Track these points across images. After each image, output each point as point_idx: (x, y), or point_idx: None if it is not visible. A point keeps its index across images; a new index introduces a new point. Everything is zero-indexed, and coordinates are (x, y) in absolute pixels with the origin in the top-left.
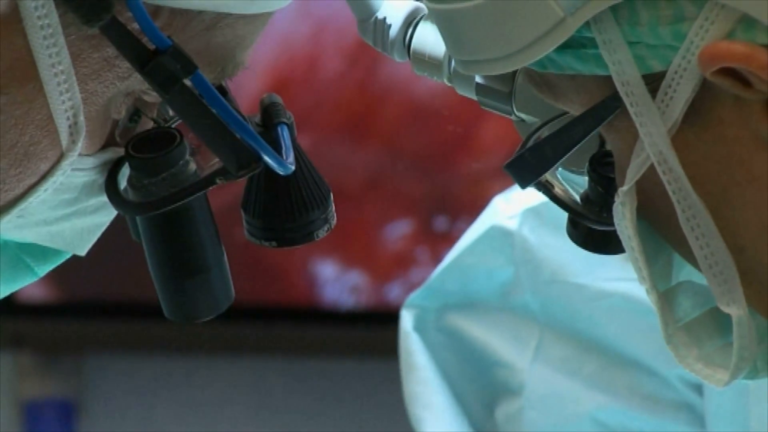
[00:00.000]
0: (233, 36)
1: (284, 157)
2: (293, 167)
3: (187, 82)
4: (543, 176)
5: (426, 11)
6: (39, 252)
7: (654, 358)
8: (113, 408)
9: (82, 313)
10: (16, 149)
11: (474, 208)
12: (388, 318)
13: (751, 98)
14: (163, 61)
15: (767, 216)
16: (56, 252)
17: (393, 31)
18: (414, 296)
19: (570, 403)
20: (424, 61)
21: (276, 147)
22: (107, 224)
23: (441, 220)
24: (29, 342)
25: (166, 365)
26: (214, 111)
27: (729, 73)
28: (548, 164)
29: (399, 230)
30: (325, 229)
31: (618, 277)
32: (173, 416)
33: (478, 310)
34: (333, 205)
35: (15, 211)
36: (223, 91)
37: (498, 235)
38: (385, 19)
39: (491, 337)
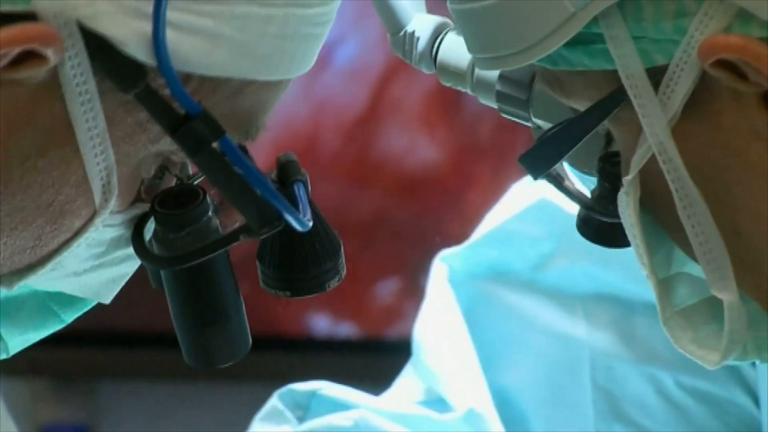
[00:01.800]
0: (257, 100)
1: (302, 213)
2: (311, 224)
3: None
4: (554, 169)
5: (451, 25)
6: (66, 300)
7: None
8: (124, 431)
9: (95, 342)
10: (52, 207)
11: None
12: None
13: (748, 91)
14: (193, 126)
15: (762, 203)
16: (82, 300)
17: (421, 44)
18: (451, 253)
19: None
20: (449, 71)
21: (293, 203)
22: (131, 273)
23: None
24: (45, 369)
25: (174, 391)
26: (238, 172)
27: (727, 66)
28: (559, 155)
29: (389, 287)
30: (336, 279)
31: None
32: None
33: (510, 279)
34: (343, 257)
35: (49, 265)
36: (243, 150)
37: (546, 207)
38: (414, 32)
39: (525, 303)
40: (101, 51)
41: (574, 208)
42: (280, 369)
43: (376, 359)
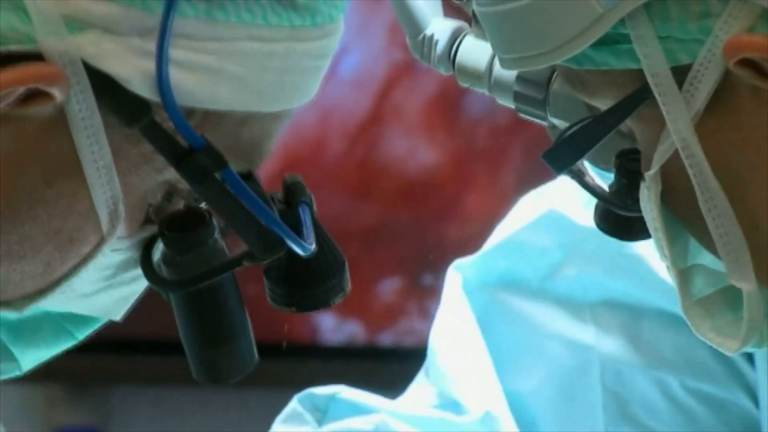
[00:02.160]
0: (261, 130)
1: (305, 236)
2: (313, 248)
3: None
4: (576, 165)
5: (468, 29)
6: (79, 319)
7: None
8: None
9: (108, 348)
10: (60, 235)
11: None
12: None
13: (767, 87)
14: (196, 159)
15: None
16: (94, 318)
17: (440, 47)
18: (464, 263)
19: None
20: (467, 73)
21: (297, 224)
22: (141, 291)
23: (428, 277)
24: (59, 374)
25: (182, 397)
26: (241, 201)
27: (748, 64)
28: (582, 151)
29: (391, 286)
30: (341, 295)
31: None
32: None
33: (522, 287)
34: (348, 273)
35: (59, 290)
36: (249, 174)
37: (554, 218)
38: (433, 35)
39: (537, 310)
40: (106, 88)
41: (581, 219)
42: (288, 375)
43: (382, 364)
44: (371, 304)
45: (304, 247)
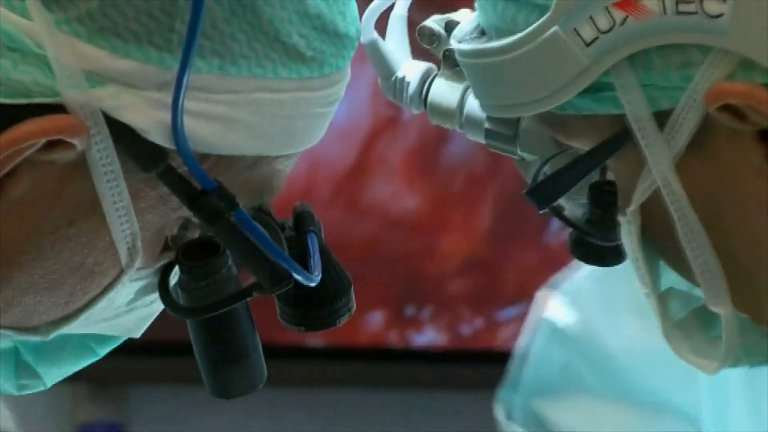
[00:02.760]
0: (271, 171)
1: (311, 266)
2: (318, 279)
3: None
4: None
5: (436, 70)
6: (101, 338)
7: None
8: (153, 430)
9: (128, 351)
10: (82, 269)
11: (438, 300)
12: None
13: (745, 130)
14: (210, 200)
15: (755, 230)
16: (115, 336)
17: (411, 88)
18: (500, 391)
19: None
20: (439, 111)
21: (305, 253)
22: (159, 311)
23: (410, 308)
24: (83, 375)
25: (198, 395)
26: (251, 238)
27: (728, 109)
28: (565, 189)
29: (376, 318)
30: (347, 315)
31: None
32: None
33: (550, 394)
34: (353, 294)
35: (81, 317)
36: (263, 210)
37: (548, 326)
38: (404, 77)
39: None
40: (125, 136)
41: (572, 327)
42: (298, 376)
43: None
44: (358, 334)
45: (309, 278)
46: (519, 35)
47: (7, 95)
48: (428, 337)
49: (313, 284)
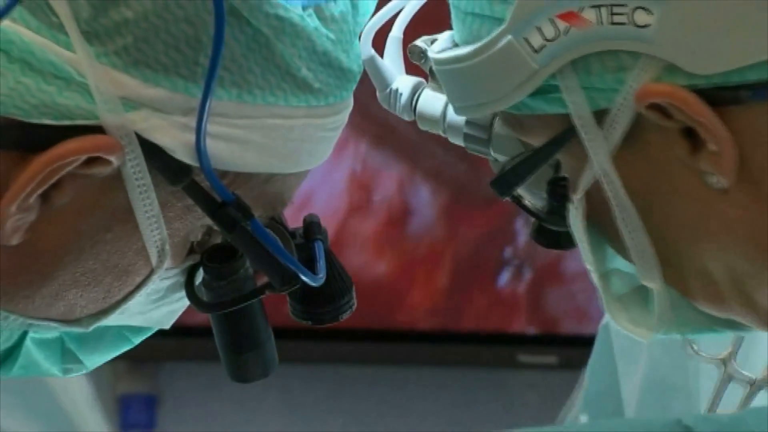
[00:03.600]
0: (282, 186)
1: (317, 269)
2: (322, 280)
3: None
4: (516, 191)
5: (425, 84)
6: (136, 328)
7: None
8: (184, 401)
9: (162, 331)
10: (117, 269)
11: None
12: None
13: (671, 126)
14: (228, 211)
15: (682, 215)
16: (148, 327)
17: (403, 99)
18: None
19: None
20: (426, 119)
21: (312, 258)
22: (186, 306)
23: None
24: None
25: (220, 371)
26: (264, 244)
27: (655, 107)
28: (522, 180)
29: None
30: (348, 312)
31: None
32: (228, 410)
33: None
34: (354, 293)
35: (117, 311)
36: (276, 220)
37: None
38: (397, 89)
39: None
40: (155, 155)
41: None
42: (307, 354)
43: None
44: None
45: (314, 280)
46: (479, 44)
47: (53, 117)
48: None
49: (317, 285)
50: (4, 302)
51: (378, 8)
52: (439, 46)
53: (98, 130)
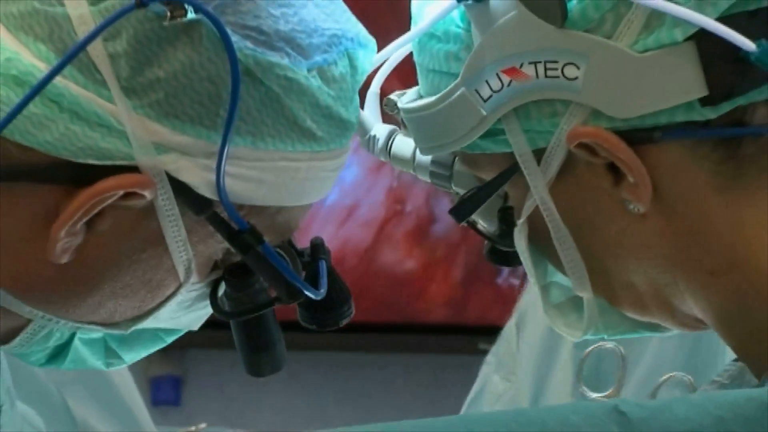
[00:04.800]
0: (290, 216)
1: (320, 285)
2: (323, 294)
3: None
4: (471, 218)
5: (398, 131)
6: (168, 330)
7: None
8: (205, 382)
9: None
10: (151, 283)
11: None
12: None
13: (597, 162)
14: (243, 237)
15: (607, 235)
16: (179, 329)
17: (380, 143)
18: None
19: None
20: (398, 160)
21: (316, 275)
22: (210, 312)
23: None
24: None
25: (237, 357)
26: (274, 265)
27: (584, 146)
28: (475, 208)
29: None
30: (347, 318)
31: None
32: (242, 390)
33: None
34: (352, 303)
35: (151, 317)
36: (290, 243)
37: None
38: (375, 135)
39: None
40: (182, 190)
41: None
42: (313, 343)
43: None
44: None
45: (316, 294)
46: (439, 95)
47: (97, 158)
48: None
49: (318, 299)
50: (55, 309)
51: None
52: (407, 98)
53: (134, 169)
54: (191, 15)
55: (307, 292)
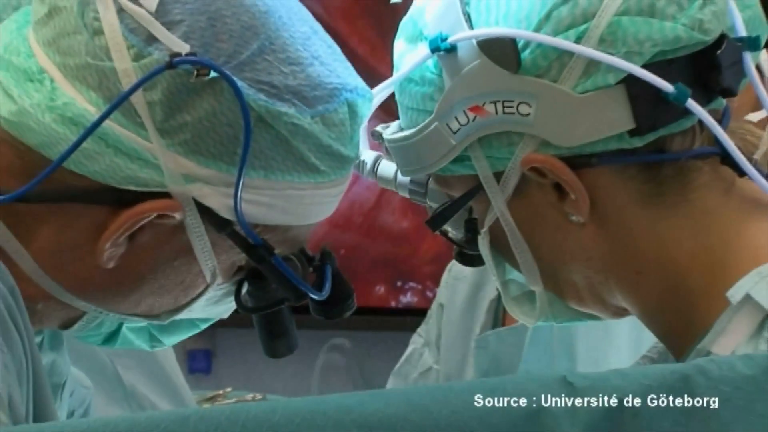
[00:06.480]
0: (298, 233)
1: (324, 288)
2: (326, 296)
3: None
4: (444, 227)
5: (383, 156)
6: (202, 319)
7: None
8: (232, 355)
9: None
10: (183, 284)
11: (417, 277)
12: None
13: (546, 182)
14: (257, 250)
15: (552, 242)
16: (211, 318)
17: (368, 166)
18: None
19: None
20: (383, 179)
21: (322, 277)
22: (235, 306)
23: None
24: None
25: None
26: (284, 273)
27: (535, 170)
28: (446, 219)
29: (380, 289)
30: (350, 311)
31: None
32: (263, 361)
33: None
34: (354, 298)
35: (185, 311)
36: (302, 252)
37: None
38: (364, 160)
39: None
40: (206, 212)
41: None
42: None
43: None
44: (367, 297)
45: (319, 296)
46: (416, 128)
47: (136, 185)
48: (408, 299)
49: (322, 299)
50: (104, 304)
51: None
52: (390, 130)
53: (167, 195)
54: (213, 73)
55: (311, 295)
